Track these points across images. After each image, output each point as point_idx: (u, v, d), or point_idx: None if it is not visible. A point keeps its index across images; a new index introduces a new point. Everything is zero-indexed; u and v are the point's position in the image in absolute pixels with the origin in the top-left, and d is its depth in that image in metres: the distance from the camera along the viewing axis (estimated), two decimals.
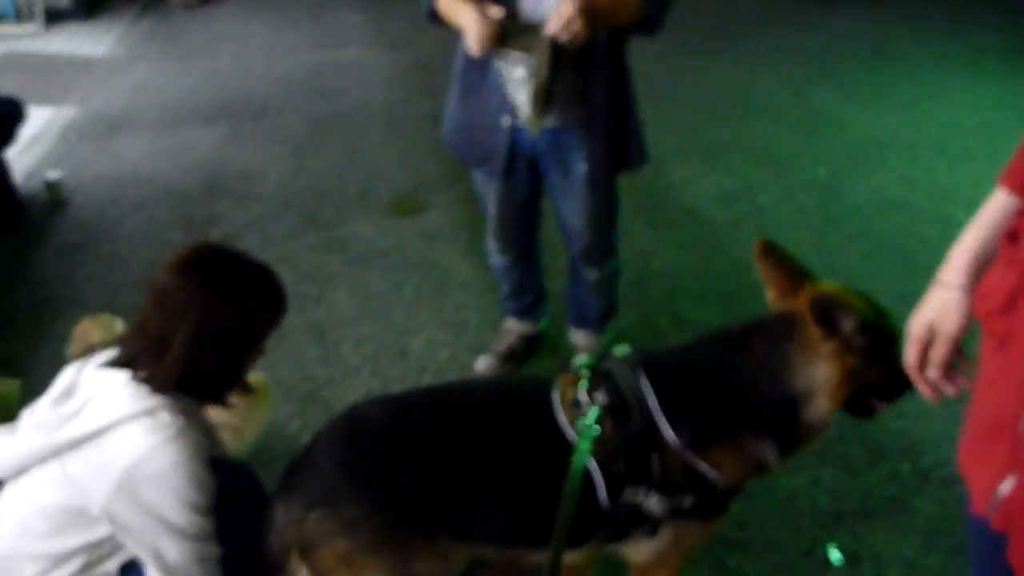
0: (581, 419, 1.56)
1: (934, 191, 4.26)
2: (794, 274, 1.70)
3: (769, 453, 1.61)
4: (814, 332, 1.54)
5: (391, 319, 3.31)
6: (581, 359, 1.69)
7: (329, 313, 3.35)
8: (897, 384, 1.56)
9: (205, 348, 1.63)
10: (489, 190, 2.61)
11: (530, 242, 2.84)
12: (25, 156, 4.87)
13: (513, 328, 3.02)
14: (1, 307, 3.43)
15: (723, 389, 1.60)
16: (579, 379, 1.62)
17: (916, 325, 1.35)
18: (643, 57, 6.21)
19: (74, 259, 3.75)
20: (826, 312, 1.51)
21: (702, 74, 6.09)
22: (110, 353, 1.70)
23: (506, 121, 2.38)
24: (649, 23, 2.27)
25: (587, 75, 2.32)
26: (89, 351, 1.76)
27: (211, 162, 4.77)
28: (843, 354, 1.54)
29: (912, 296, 3.33)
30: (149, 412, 1.59)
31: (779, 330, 1.61)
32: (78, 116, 5.51)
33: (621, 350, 1.68)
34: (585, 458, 1.51)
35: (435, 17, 2.35)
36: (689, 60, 6.40)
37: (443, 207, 4.19)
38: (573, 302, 2.92)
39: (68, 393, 1.64)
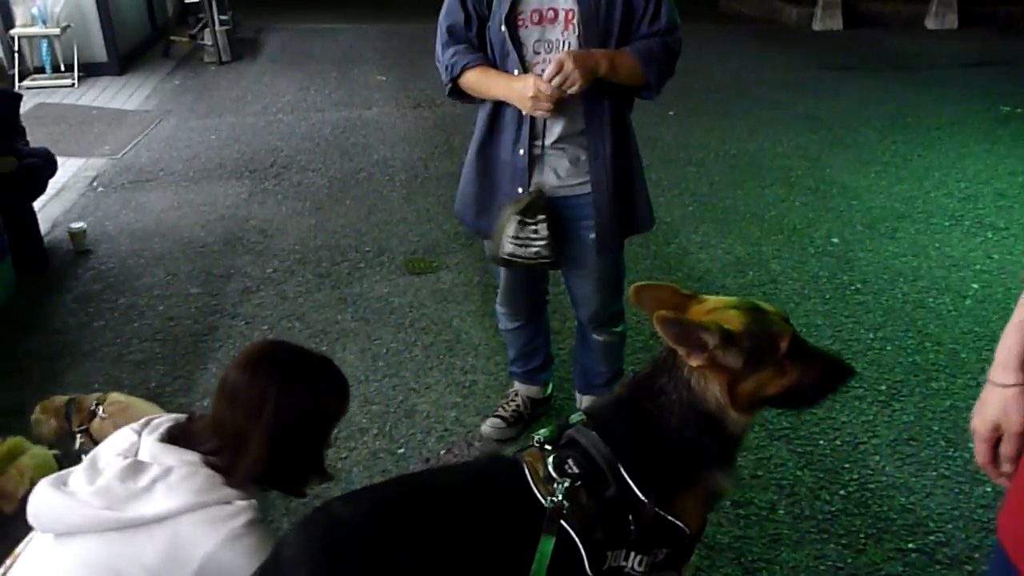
0: (556, 489, 1.55)
1: (946, 262, 4.26)
2: (677, 299, 1.73)
3: (721, 479, 1.63)
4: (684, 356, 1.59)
5: (400, 378, 3.34)
6: (542, 432, 1.68)
7: None
8: (813, 377, 1.64)
9: (283, 443, 1.65)
10: None
11: (538, 307, 2.87)
12: (53, 205, 5.01)
13: (520, 392, 3.03)
14: (18, 354, 3.50)
15: (665, 436, 1.62)
16: (545, 453, 1.61)
17: (980, 425, 1.40)
18: (660, 124, 6.37)
19: (91, 309, 3.83)
20: (678, 335, 1.55)
21: (718, 141, 6.17)
22: (168, 426, 1.71)
23: (520, 190, 2.43)
24: (647, 89, 2.39)
25: (593, 143, 2.37)
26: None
27: (232, 217, 4.87)
28: (718, 367, 1.58)
29: (922, 368, 3.35)
30: (225, 500, 1.60)
31: (674, 363, 1.64)
32: (106, 168, 5.66)
33: (576, 417, 1.69)
34: (551, 543, 1.49)
35: (458, 91, 2.43)
36: (706, 127, 6.48)
37: (457, 267, 4.24)
38: (580, 368, 2.93)
39: (137, 467, 1.62)
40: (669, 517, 1.56)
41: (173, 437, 1.69)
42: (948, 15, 10.62)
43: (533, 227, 2.37)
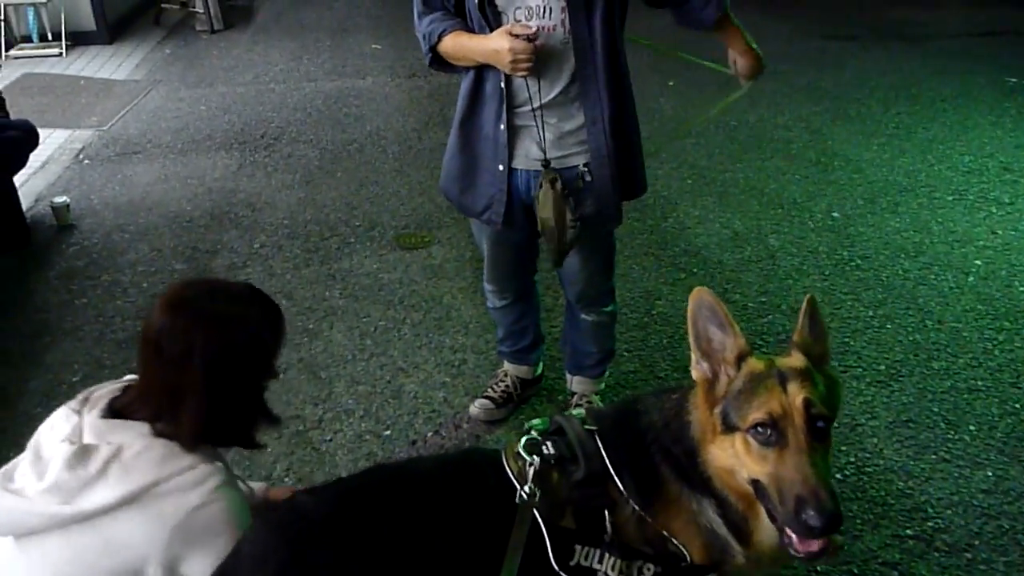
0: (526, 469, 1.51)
1: (949, 238, 4.15)
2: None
3: (710, 515, 1.49)
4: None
5: (388, 357, 3.26)
6: (534, 421, 1.64)
7: (325, 349, 3.30)
8: (789, 491, 1.34)
9: (222, 389, 1.54)
10: (484, 234, 2.56)
11: (527, 285, 2.78)
12: (37, 179, 4.91)
13: (509, 372, 2.95)
14: None
15: (649, 441, 1.54)
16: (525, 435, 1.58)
17: None
18: (660, 94, 6.23)
19: (74, 286, 3.74)
20: (707, 318, 1.48)
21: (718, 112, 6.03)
22: (109, 398, 1.59)
23: (502, 167, 2.33)
24: None
25: (589, 107, 2.26)
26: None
27: (220, 190, 4.76)
28: (709, 396, 1.48)
29: (923, 347, 3.27)
30: (189, 467, 1.50)
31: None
32: (92, 139, 5.54)
33: (577, 412, 1.64)
34: (517, 561, 1.43)
35: (439, 61, 2.33)
36: (706, 98, 6.32)
37: (449, 242, 4.15)
38: (570, 348, 2.85)
39: (83, 453, 1.49)
40: (663, 532, 1.48)
41: (116, 410, 1.57)
42: None
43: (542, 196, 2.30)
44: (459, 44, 2.24)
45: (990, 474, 2.67)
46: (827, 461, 1.39)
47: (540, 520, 1.47)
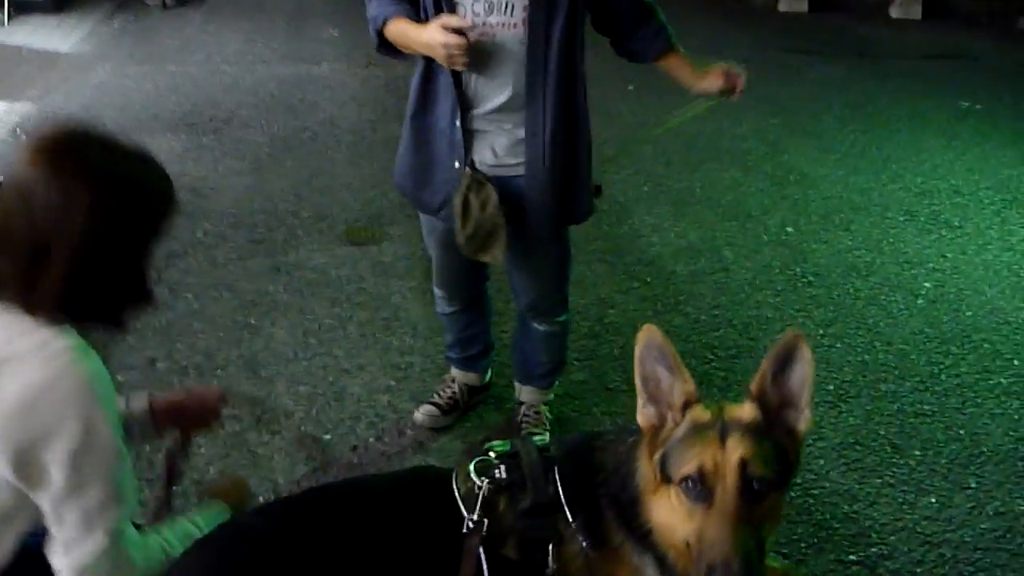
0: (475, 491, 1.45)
1: (900, 258, 4.18)
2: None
3: (650, 574, 1.41)
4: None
5: (331, 357, 3.15)
6: (494, 443, 1.57)
7: (266, 346, 3.19)
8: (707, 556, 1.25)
9: (96, 259, 1.33)
10: (434, 237, 2.48)
11: (477, 292, 2.71)
12: None
13: (457, 378, 2.87)
14: None
15: (599, 481, 1.47)
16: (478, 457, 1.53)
17: None
18: (619, 99, 6.18)
19: None
20: (655, 359, 1.40)
21: None
22: None
23: (458, 165, 2.25)
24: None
25: (532, 117, 2.18)
26: None
27: None
28: (654, 441, 1.40)
29: (871, 368, 3.26)
30: (40, 340, 1.31)
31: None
32: (31, 113, 5.32)
33: (541, 439, 1.57)
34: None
35: (386, 45, 2.24)
36: (665, 104, 6.28)
37: (400, 239, 4.05)
38: (520, 356, 2.78)
39: None
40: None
41: None
42: (912, 5, 10.55)
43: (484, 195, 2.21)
44: (400, 31, 2.14)
45: (934, 500, 2.67)
46: (762, 528, 1.29)
47: (483, 552, 1.41)
